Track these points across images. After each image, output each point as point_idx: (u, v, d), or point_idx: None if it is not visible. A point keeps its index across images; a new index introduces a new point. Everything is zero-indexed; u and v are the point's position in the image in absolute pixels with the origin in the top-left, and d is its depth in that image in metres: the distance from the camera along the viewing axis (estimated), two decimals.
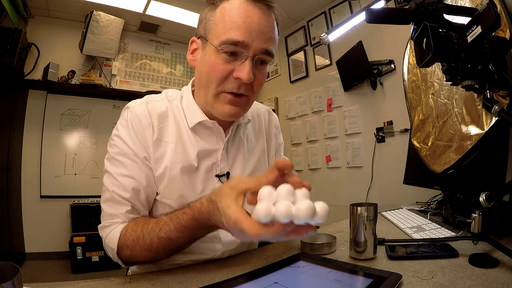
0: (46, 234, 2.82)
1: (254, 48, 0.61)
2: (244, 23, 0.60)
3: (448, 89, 0.94)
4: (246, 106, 0.70)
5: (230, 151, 0.76)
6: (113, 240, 0.64)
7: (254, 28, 0.60)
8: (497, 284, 0.51)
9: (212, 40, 0.62)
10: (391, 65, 2.21)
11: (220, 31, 0.61)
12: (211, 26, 0.63)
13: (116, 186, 0.66)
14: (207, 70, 0.64)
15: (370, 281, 0.53)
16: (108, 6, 2.75)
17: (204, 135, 0.72)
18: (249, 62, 0.61)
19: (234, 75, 0.62)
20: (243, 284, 0.55)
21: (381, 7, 1.33)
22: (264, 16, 0.62)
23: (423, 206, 1.40)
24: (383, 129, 2.31)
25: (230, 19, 0.60)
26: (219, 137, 0.73)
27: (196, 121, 0.71)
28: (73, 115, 3.06)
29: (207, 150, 0.72)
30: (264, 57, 0.64)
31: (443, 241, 0.77)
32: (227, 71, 0.62)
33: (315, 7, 2.86)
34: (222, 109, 0.66)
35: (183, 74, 3.58)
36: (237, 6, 0.61)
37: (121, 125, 0.70)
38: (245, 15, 0.60)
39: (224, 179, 0.73)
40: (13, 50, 2.33)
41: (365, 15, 0.68)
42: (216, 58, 0.62)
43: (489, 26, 0.55)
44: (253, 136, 0.82)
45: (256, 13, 0.61)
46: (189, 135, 0.71)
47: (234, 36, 0.59)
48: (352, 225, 0.71)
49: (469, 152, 0.79)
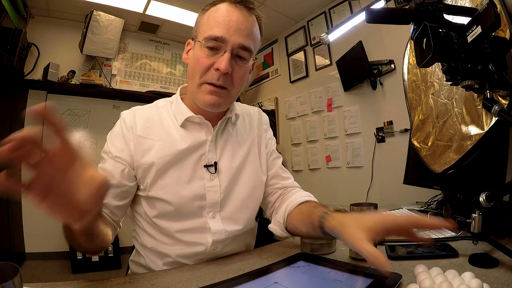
0: (46, 234, 2.81)
1: (232, 43, 0.69)
2: (224, 21, 0.69)
3: (448, 89, 0.94)
4: (226, 98, 0.75)
5: (219, 143, 0.80)
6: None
7: (232, 26, 0.69)
8: (497, 284, 0.51)
9: (199, 38, 0.72)
10: (391, 65, 2.21)
11: (205, 30, 0.71)
12: (199, 27, 0.74)
13: None
14: (193, 64, 0.73)
15: (370, 281, 0.53)
16: (108, 6, 2.75)
17: (193, 130, 0.78)
18: (227, 55, 0.69)
19: (214, 66, 0.70)
20: (243, 284, 0.55)
21: (381, 7, 1.33)
22: (243, 15, 0.71)
23: (423, 206, 1.40)
24: (383, 129, 2.31)
25: (213, 19, 0.70)
26: (208, 130, 0.79)
27: (183, 117, 0.77)
28: (73, 115, 3.06)
29: (196, 142, 0.77)
30: (242, 52, 0.71)
31: (443, 241, 0.77)
32: (208, 64, 0.70)
33: (315, 7, 2.86)
34: (203, 98, 0.72)
35: (183, 74, 3.58)
36: (220, 8, 0.71)
37: (111, 131, 0.79)
38: (225, 15, 0.70)
39: (212, 169, 0.77)
40: (13, 50, 2.33)
41: (365, 15, 0.68)
42: (200, 52, 0.71)
43: (489, 26, 0.55)
44: (243, 130, 0.87)
45: (235, 13, 0.70)
46: (179, 132, 0.78)
47: (214, 32, 0.69)
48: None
49: (469, 152, 0.79)
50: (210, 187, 0.76)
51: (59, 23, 2.95)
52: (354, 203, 0.72)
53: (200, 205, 0.76)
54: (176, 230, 0.74)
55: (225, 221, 0.78)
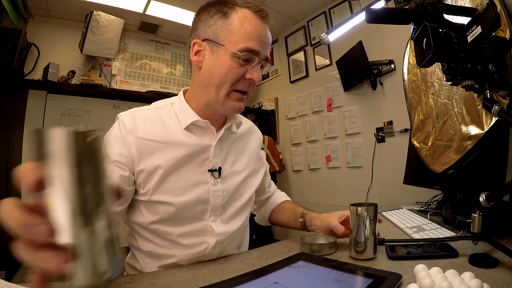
0: None
1: (262, 56, 0.74)
2: (259, 35, 0.72)
3: (448, 89, 0.94)
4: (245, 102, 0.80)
5: (223, 148, 0.81)
6: None
7: (264, 41, 0.74)
8: (497, 284, 0.51)
9: (230, 46, 0.71)
10: (391, 65, 2.22)
11: (238, 39, 0.71)
12: (227, 34, 0.71)
13: None
14: (222, 72, 0.72)
15: (370, 281, 0.53)
16: (108, 6, 2.75)
17: (197, 133, 0.78)
18: (258, 66, 0.74)
19: (246, 76, 0.72)
20: (243, 284, 0.55)
21: (381, 7, 1.33)
22: (268, 31, 0.76)
23: (423, 206, 1.40)
24: (383, 129, 2.31)
25: (247, 30, 0.71)
26: (212, 136, 0.79)
27: (189, 121, 0.76)
28: (73, 115, 3.06)
29: (200, 147, 0.77)
30: (265, 63, 0.77)
31: (443, 241, 0.77)
32: (241, 73, 0.72)
33: (315, 7, 2.86)
34: (233, 105, 0.75)
35: (183, 74, 3.58)
36: (251, 19, 0.72)
37: (107, 134, 0.76)
38: (259, 28, 0.73)
39: (216, 173, 0.78)
40: (13, 50, 2.33)
41: (365, 15, 0.68)
42: (232, 62, 0.71)
43: (489, 26, 0.55)
44: (245, 141, 0.90)
45: (264, 28, 0.74)
46: (182, 134, 0.76)
47: (252, 46, 0.71)
48: (352, 225, 0.71)
49: (469, 152, 0.79)
50: (214, 192, 0.77)
51: (59, 23, 2.94)
52: (354, 203, 0.72)
53: (203, 209, 0.76)
54: (178, 234, 0.74)
55: (225, 223, 0.79)
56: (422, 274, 0.50)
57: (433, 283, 0.47)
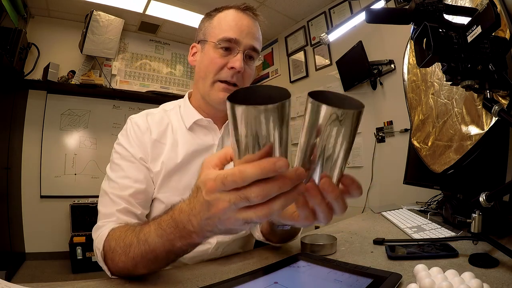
0: (46, 234, 2.82)
1: (244, 45, 0.75)
2: (237, 25, 0.75)
3: (448, 89, 0.94)
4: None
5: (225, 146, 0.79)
6: (101, 240, 0.61)
7: (244, 29, 0.75)
8: (497, 284, 0.51)
9: (211, 40, 0.76)
10: (391, 65, 2.21)
11: (218, 32, 0.76)
12: (210, 30, 0.78)
13: (115, 188, 0.70)
14: (206, 64, 0.76)
15: (370, 281, 0.53)
16: (108, 6, 2.75)
17: (200, 133, 0.81)
18: (240, 55, 0.75)
19: (228, 65, 0.74)
20: (243, 284, 0.55)
21: (381, 7, 1.33)
22: (251, 21, 0.78)
23: (423, 206, 1.40)
24: (383, 129, 2.31)
25: (225, 22, 0.76)
26: (215, 134, 0.81)
27: (192, 120, 0.79)
28: (73, 115, 3.06)
29: (203, 146, 0.79)
30: (252, 52, 0.77)
31: (443, 241, 0.77)
32: (222, 63, 0.75)
33: (315, 7, 2.86)
34: (217, 95, 0.76)
35: (183, 74, 3.58)
36: (230, 14, 0.77)
37: (121, 135, 0.78)
38: (237, 19, 0.76)
39: None
40: (13, 50, 2.33)
41: (365, 15, 0.68)
42: (214, 53, 0.75)
43: (489, 26, 0.55)
44: None
45: (245, 18, 0.77)
46: (186, 135, 0.79)
47: (229, 34, 0.74)
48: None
49: (469, 152, 0.79)
50: None
51: (59, 23, 2.95)
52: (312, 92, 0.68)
53: None
54: None
55: None
56: (422, 274, 0.50)
57: (433, 283, 0.47)
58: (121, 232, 0.58)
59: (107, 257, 0.59)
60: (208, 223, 0.39)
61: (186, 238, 0.44)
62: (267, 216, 0.34)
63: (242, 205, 0.34)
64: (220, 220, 0.37)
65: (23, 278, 2.36)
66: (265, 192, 0.32)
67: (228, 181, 0.33)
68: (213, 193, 0.35)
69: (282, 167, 0.31)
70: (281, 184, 0.32)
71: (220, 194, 0.35)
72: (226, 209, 0.35)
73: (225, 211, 0.35)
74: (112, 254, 0.57)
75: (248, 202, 0.33)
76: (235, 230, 0.39)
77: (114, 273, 0.61)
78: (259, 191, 0.32)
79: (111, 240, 0.59)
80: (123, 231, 0.58)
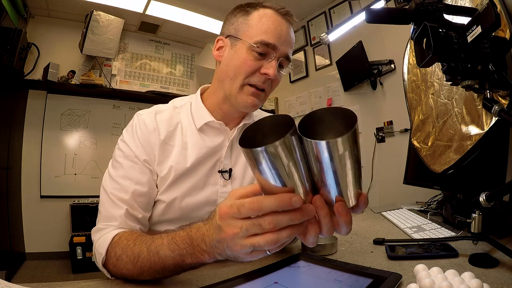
0: (46, 234, 2.82)
1: (280, 52, 0.72)
2: (276, 30, 0.71)
3: (448, 89, 0.94)
4: (263, 101, 0.77)
5: (234, 150, 0.79)
6: (103, 245, 0.62)
7: (282, 36, 0.72)
8: (497, 284, 0.51)
9: (246, 39, 0.71)
10: (391, 65, 2.22)
11: (255, 33, 0.71)
12: (245, 28, 0.72)
13: (116, 188, 0.69)
14: (237, 64, 0.72)
15: (370, 281, 0.53)
16: (108, 6, 2.75)
17: (211, 134, 0.77)
18: (275, 62, 0.71)
19: (261, 71, 0.71)
20: (243, 284, 0.55)
21: (381, 7, 1.33)
22: (289, 28, 0.75)
23: (423, 206, 1.40)
24: (383, 129, 2.31)
25: (264, 24, 0.71)
26: (226, 136, 0.78)
27: (203, 122, 0.76)
28: (73, 115, 3.06)
29: (213, 148, 0.76)
30: (285, 61, 0.74)
31: (443, 241, 0.77)
32: (256, 67, 0.71)
33: (315, 7, 2.86)
34: (245, 99, 0.73)
35: (183, 74, 3.58)
36: (270, 15, 0.72)
37: (126, 131, 0.75)
38: (276, 23, 0.72)
39: (226, 175, 0.77)
40: (13, 50, 2.33)
41: (365, 15, 0.68)
42: (247, 54, 0.71)
43: (489, 26, 0.55)
44: None
45: (284, 24, 0.73)
46: (196, 136, 0.76)
47: (267, 39, 0.70)
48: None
49: (469, 152, 0.79)
50: (223, 193, 0.76)
51: (59, 23, 2.94)
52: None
53: (210, 210, 0.75)
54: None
55: None
56: (422, 274, 0.50)
57: (433, 283, 0.47)
58: (128, 240, 0.59)
59: (110, 262, 0.60)
60: (217, 245, 0.43)
61: (197, 256, 0.47)
62: (274, 242, 0.38)
63: (253, 231, 0.38)
64: (228, 246, 0.40)
65: (23, 278, 2.36)
66: (276, 221, 0.36)
67: (245, 208, 0.37)
68: (225, 219, 0.40)
69: (297, 203, 0.35)
70: (293, 217, 0.36)
71: (231, 220, 0.39)
72: (235, 235, 0.39)
73: (233, 237, 0.39)
74: (116, 261, 0.58)
75: (260, 229, 0.37)
76: (241, 258, 0.42)
77: (115, 276, 0.62)
78: (272, 219, 0.37)
79: (117, 247, 0.60)
80: (131, 239, 0.59)
